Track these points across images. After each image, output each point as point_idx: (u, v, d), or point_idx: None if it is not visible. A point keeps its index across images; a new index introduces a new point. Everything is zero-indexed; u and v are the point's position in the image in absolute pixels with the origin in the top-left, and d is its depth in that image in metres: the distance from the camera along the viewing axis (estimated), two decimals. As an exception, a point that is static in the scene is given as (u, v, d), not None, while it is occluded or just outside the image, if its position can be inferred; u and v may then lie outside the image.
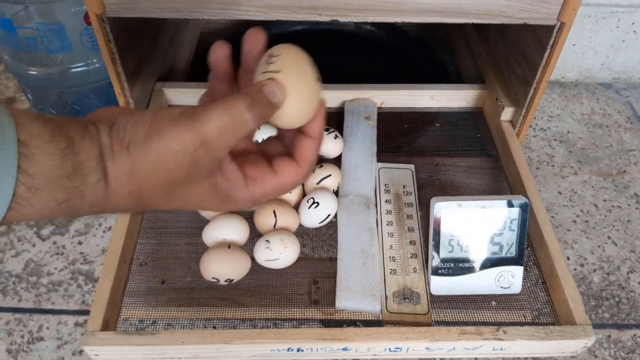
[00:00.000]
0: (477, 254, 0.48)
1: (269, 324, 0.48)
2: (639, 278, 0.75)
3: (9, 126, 0.26)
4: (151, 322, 0.48)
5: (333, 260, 0.52)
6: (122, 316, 0.48)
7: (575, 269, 0.76)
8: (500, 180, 0.60)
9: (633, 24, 0.99)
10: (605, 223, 0.82)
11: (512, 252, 0.48)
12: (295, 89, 0.34)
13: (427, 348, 0.44)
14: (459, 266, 0.48)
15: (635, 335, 0.69)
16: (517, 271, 0.48)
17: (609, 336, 0.69)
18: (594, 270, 0.76)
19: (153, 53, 0.64)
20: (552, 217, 0.82)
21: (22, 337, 0.67)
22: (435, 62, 0.81)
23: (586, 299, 0.72)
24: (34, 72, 0.75)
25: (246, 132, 0.32)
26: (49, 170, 0.27)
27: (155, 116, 0.30)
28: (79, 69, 0.74)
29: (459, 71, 0.78)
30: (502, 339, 0.43)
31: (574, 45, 1.02)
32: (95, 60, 0.74)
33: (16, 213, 0.27)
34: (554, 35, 0.50)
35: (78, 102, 0.78)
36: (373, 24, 0.83)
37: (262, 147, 0.39)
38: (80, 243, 0.76)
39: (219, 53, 0.38)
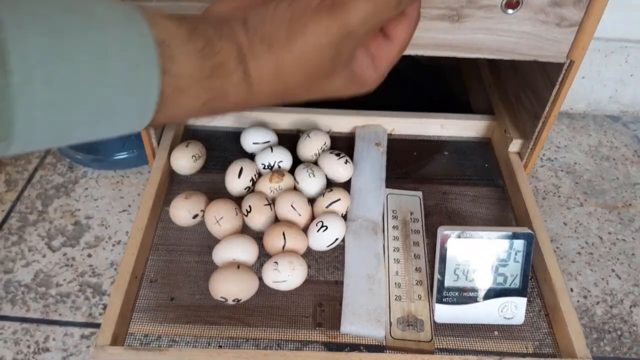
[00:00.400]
0: (482, 284, 0.49)
1: (272, 344, 0.49)
2: (642, 312, 0.76)
3: (145, 26, 0.25)
4: (159, 338, 0.49)
5: (339, 283, 0.52)
6: (131, 331, 0.48)
7: (578, 301, 0.76)
8: (507, 210, 0.61)
9: (642, 59, 1.01)
10: (609, 256, 0.82)
11: (516, 283, 0.49)
12: None
13: (429, 376, 0.44)
14: (463, 295, 0.49)
15: (637, 370, 0.70)
16: (521, 302, 0.49)
17: (611, 370, 0.69)
18: (597, 303, 0.76)
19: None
20: (557, 247, 0.83)
21: (29, 347, 0.68)
22: (446, 90, 0.83)
23: (588, 332, 0.73)
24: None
25: (388, 18, 0.30)
26: (191, 70, 0.27)
27: (294, 10, 0.29)
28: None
29: (469, 100, 0.79)
30: (504, 370, 0.43)
31: (583, 77, 1.03)
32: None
33: (163, 114, 0.27)
34: (563, 72, 0.52)
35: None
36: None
37: None
38: (89, 256, 0.77)
39: None
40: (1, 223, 0.82)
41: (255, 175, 0.59)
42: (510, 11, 0.47)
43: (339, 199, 0.57)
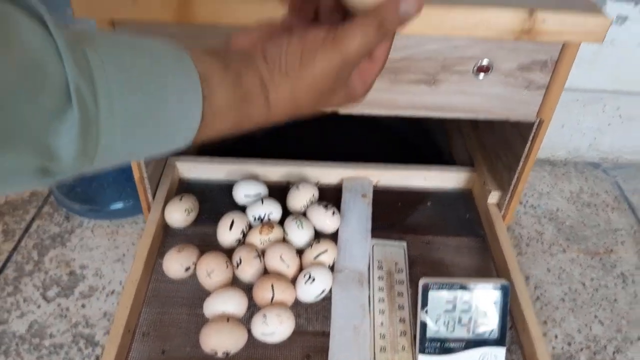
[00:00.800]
0: (462, 335, 0.51)
1: (262, 395, 0.50)
2: (625, 358, 0.77)
3: (191, 62, 0.31)
4: (150, 390, 0.50)
5: (326, 334, 0.54)
6: (123, 383, 0.50)
7: (562, 348, 0.77)
8: (488, 260, 0.63)
9: (618, 108, 1.05)
10: (592, 302, 0.84)
11: (495, 333, 0.51)
12: None
13: None
14: (444, 346, 0.51)
15: (622, 416, 0.70)
16: (500, 352, 0.51)
17: (597, 417, 0.70)
18: (581, 350, 0.78)
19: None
20: (542, 294, 0.85)
21: (20, 399, 0.68)
22: (431, 141, 0.86)
23: (574, 378, 0.74)
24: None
25: (376, 46, 0.37)
26: (225, 100, 0.33)
27: (305, 44, 0.35)
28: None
29: (452, 152, 0.83)
30: (484, 420, 0.45)
31: (563, 126, 1.08)
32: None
33: (201, 134, 0.33)
34: (534, 130, 0.55)
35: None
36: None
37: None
38: (83, 306, 0.78)
39: None
40: (-4, 273, 0.84)
41: (246, 227, 0.62)
42: (481, 76, 0.51)
43: (326, 250, 0.59)
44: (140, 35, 0.30)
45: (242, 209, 0.65)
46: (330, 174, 0.70)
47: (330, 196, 0.68)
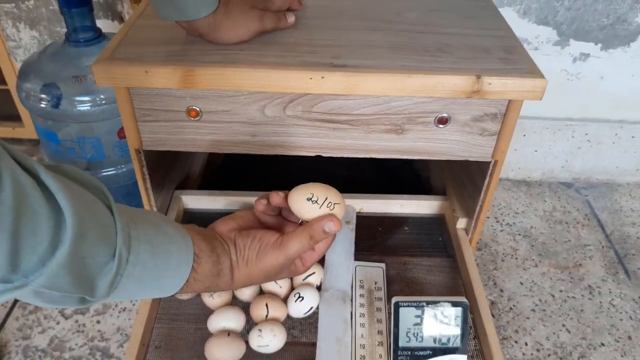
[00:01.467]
0: (429, 344, 0.59)
1: (259, 400, 0.59)
2: (588, 363, 0.86)
3: (190, 243, 0.48)
4: (163, 396, 0.59)
5: (314, 345, 0.63)
6: (140, 391, 0.58)
7: (532, 354, 0.86)
8: (457, 278, 0.72)
9: (586, 134, 1.15)
10: (560, 312, 0.93)
11: (457, 343, 0.59)
12: (340, 214, 0.55)
13: (385, 423, 0.54)
14: (414, 354, 0.60)
15: (583, 416, 0.79)
16: (462, 359, 0.60)
17: (559, 417, 0.79)
18: (549, 355, 0.86)
19: (174, 168, 0.78)
20: (514, 305, 0.94)
21: (45, 406, 0.77)
22: (412, 172, 0.96)
23: (540, 382, 0.83)
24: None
25: (310, 248, 0.55)
26: (206, 272, 0.49)
27: (261, 243, 0.53)
28: (110, 172, 0.88)
29: (430, 181, 0.92)
30: (445, 417, 0.54)
31: (536, 151, 1.17)
32: (123, 166, 0.88)
33: (182, 290, 0.48)
34: (490, 169, 0.64)
35: (105, 198, 0.92)
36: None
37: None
38: (98, 322, 0.87)
39: (277, 200, 0.59)
40: (19, 293, 0.92)
41: (244, 253, 0.71)
42: (441, 126, 0.60)
43: (314, 272, 0.68)
44: (163, 218, 0.49)
45: (241, 235, 0.74)
46: (318, 203, 0.79)
47: (318, 223, 0.77)
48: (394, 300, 0.60)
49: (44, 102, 0.82)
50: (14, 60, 1.08)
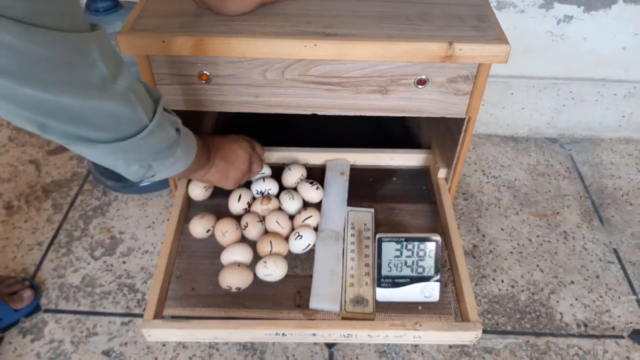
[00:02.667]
0: (407, 273, 0.70)
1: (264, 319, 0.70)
2: (557, 297, 0.96)
3: (195, 147, 0.64)
4: (184, 315, 0.70)
5: (311, 276, 0.74)
6: (166, 311, 0.70)
7: (507, 290, 0.97)
8: (437, 221, 0.82)
9: (570, 92, 1.22)
10: (536, 254, 1.03)
11: (432, 272, 0.70)
12: None
13: (368, 335, 0.65)
14: (395, 281, 0.70)
15: (548, 341, 0.90)
16: (435, 286, 0.70)
17: (528, 341, 0.90)
18: (522, 291, 0.97)
19: (188, 125, 0.87)
20: (494, 248, 1.04)
21: (82, 332, 0.89)
22: (404, 127, 1.05)
23: (512, 312, 0.94)
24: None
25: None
26: (201, 163, 0.68)
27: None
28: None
29: (419, 135, 1.01)
30: (418, 330, 0.65)
31: (523, 108, 1.25)
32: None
33: (180, 174, 0.65)
34: (465, 124, 0.73)
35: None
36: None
37: None
38: (124, 262, 0.99)
39: None
40: (52, 239, 1.04)
41: (250, 199, 0.81)
42: (420, 87, 0.69)
43: (311, 216, 0.79)
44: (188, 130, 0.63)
45: (248, 185, 0.84)
46: (316, 157, 0.89)
47: (316, 174, 0.87)
48: (377, 236, 0.70)
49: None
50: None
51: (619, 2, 1.07)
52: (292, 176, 0.84)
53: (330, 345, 0.86)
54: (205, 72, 0.69)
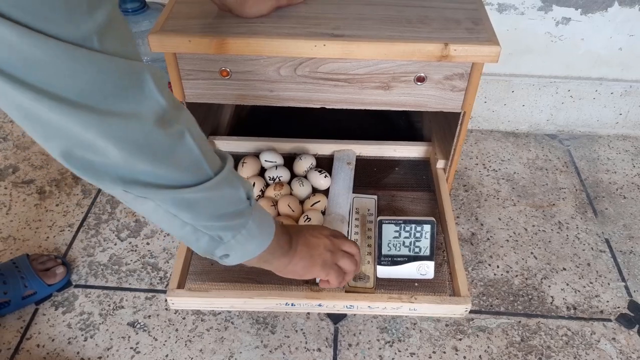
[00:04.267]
0: (405, 252, 0.78)
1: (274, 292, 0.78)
2: (549, 282, 1.03)
3: (271, 221, 0.59)
4: (205, 286, 0.78)
5: (319, 255, 0.81)
6: (187, 284, 0.78)
7: (502, 275, 1.04)
8: (435, 208, 0.89)
9: (569, 90, 1.28)
10: (531, 242, 1.10)
11: (427, 252, 0.77)
12: None
13: (369, 307, 0.73)
14: (394, 260, 0.78)
15: (539, 322, 0.97)
16: (430, 265, 0.78)
17: (520, 321, 0.97)
18: (516, 276, 1.04)
19: (209, 116, 0.96)
20: (491, 236, 1.11)
21: (109, 305, 0.98)
22: (408, 121, 1.12)
23: (506, 295, 1.00)
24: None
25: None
26: (282, 247, 0.62)
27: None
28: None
29: (422, 128, 1.08)
30: (413, 302, 0.72)
31: (523, 105, 1.31)
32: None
33: (260, 259, 0.59)
34: (460, 118, 0.80)
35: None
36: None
37: None
38: (148, 243, 1.07)
39: None
40: (82, 221, 1.13)
41: (264, 186, 0.89)
42: (419, 83, 0.76)
43: (319, 201, 0.86)
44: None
45: (262, 172, 0.92)
46: (325, 147, 0.96)
47: (325, 163, 0.95)
48: (378, 218, 0.78)
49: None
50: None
51: (615, 5, 1.13)
52: (302, 165, 0.92)
53: (335, 321, 0.93)
54: (226, 68, 0.76)
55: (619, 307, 0.99)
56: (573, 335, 0.95)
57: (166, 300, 0.74)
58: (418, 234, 0.77)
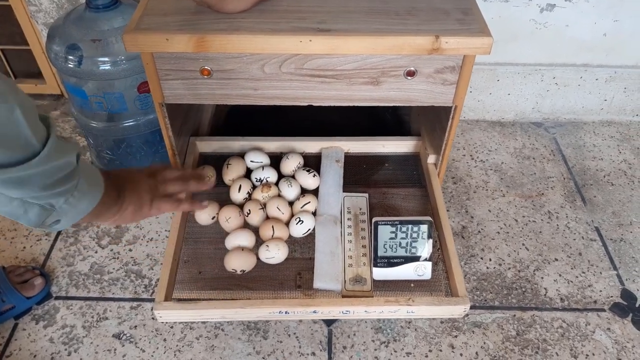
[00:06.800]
0: (402, 253, 0.75)
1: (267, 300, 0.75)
2: (542, 274, 1.02)
3: (100, 182, 0.55)
4: (193, 298, 0.75)
5: (311, 259, 0.79)
6: (175, 293, 0.75)
7: (494, 268, 1.02)
8: (427, 204, 0.87)
9: (554, 78, 1.27)
10: (521, 234, 1.09)
11: (424, 253, 0.75)
12: None
13: (365, 311, 0.70)
14: (390, 261, 0.75)
15: (534, 315, 0.96)
16: (428, 265, 0.75)
17: (514, 315, 0.96)
18: (509, 269, 1.03)
19: (189, 116, 0.92)
20: (482, 229, 1.09)
21: (93, 317, 0.94)
22: (395, 116, 1.09)
23: (500, 289, 0.99)
24: (95, 125, 1.03)
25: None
26: (112, 197, 0.59)
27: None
28: (131, 123, 1.02)
29: (410, 123, 1.06)
30: (411, 305, 0.70)
31: (509, 94, 1.30)
32: (142, 117, 1.02)
33: (91, 215, 0.55)
34: (452, 112, 0.78)
35: (128, 146, 1.06)
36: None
37: None
38: (130, 250, 1.03)
39: None
40: (59, 229, 1.08)
41: (250, 188, 0.86)
42: (409, 77, 0.73)
43: (310, 202, 0.83)
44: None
45: (248, 174, 0.89)
46: (312, 145, 0.93)
47: (312, 162, 0.92)
48: (374, 220, 0.75)
49: (70, 62, 0.94)
50: (35, 23, 1.19)
51: (599, -10, 1.12)
52: (289, 164, 0.89)
53: (329, 324, 0.91)
54: (206, 67, 0.72)
55: (612, 297, 0.99)
56: (568, 327, 0.94)
57: (152, 309, 0.70)
58: (415, 235, 0.75)
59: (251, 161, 0.90)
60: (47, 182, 0.47)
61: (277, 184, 0.87)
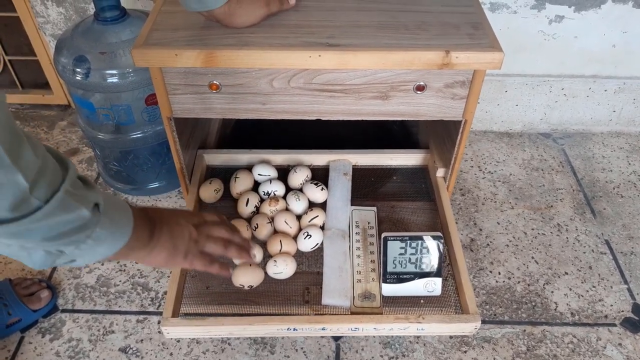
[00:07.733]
0: (412, 269, 0.74)
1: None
2: (552, 288, 1.01)
3: (128, 225, 0.51)
4: (200, 312, 0.74)
5: (320, 274, 0.78)
6: (182, 309, 0.74)
7: (504, 281, 1.01)
8: (436, 218, 0.86)
9: (562, 89, 1.26)
10: (531, 247, 1.08)
11: (434, 268, 0.74)
12: None
13: (374, 328, 0.70)
14: (400, 277, 0.75)
15: (544, 330, 0.95)
16: (438, 281, 0.75)
17: (524, 330, 0.94)
18: (518, 282, 1.01)
19: (197, 129, 0.91)
20: (491, 241, 1.08)
21: (99, 330, 0.93)
22: (404, 128, 1.09)
23: (509, 303, 0.98)
24: (102, 136, 1.03)
25: None
26: (142, 241, 0.55)
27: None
28: (138, 135, 1.02)
29: (418, 135, 1.05)
30: (421, 322, 0.69)
31: (517, 105, 1.29)
32: (149, 129, 1.01)
33: (115, 256, 0.51)
34: (462, 127, 0.77)
35: (135, 158, 1.06)
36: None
37: None
38: (136, 262, 1.03)
39: None
40: (66, 241, 1.08)
41: (258, 202, 0.85)
42: (419, 92, 0.73)
43: (318, 216, 0.83)
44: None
45: (255, 187, 0.88)
46: (320, 158, 0.93)
47: (320, 175, 0.91)
48: (383, 235, 0.74)
49: (77, 75, 0.94)
50: (43, 34, 1.20)
51: (608, 2, 1.11)
52: (297, 178, 0.88)
53: (336, 338, 0.90)
54: (215, 82, 0.72)
55: (623, 311, 0.98)
56: (579, 343, 0.93)
57: (159, 325, 0.70)
58: (424, 250, 0.74)
59: (259, 174, 0.90)
60: (49, 235, 0.43)
61: (284, 197, 0.86)
